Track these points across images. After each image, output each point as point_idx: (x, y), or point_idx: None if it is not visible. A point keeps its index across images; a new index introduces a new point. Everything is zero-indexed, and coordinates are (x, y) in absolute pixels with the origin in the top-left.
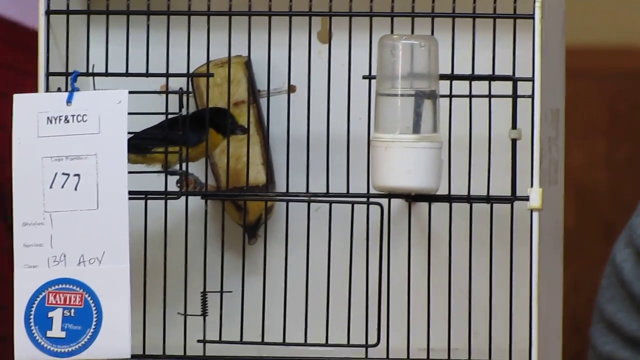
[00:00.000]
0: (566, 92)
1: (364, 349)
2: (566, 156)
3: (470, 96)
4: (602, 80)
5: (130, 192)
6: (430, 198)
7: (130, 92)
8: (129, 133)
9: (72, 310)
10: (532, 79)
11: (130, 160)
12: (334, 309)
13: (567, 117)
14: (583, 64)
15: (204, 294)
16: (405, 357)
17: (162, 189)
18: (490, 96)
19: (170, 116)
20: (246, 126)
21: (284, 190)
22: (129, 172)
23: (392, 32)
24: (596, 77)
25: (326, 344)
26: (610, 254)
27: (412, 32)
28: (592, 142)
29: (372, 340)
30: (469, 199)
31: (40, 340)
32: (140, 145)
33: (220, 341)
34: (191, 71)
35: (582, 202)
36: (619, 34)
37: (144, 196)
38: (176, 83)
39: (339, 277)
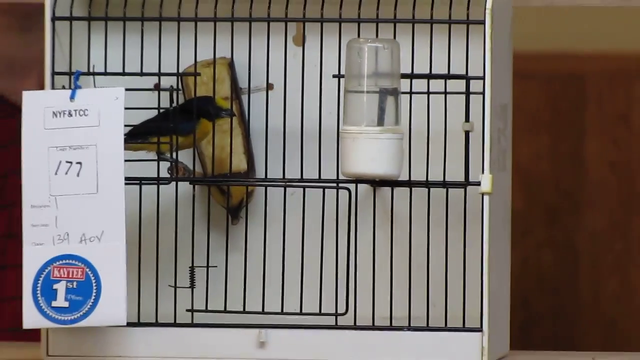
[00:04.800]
0: (514, 92)
1: (333, 317)
2: (514, 148)
3: (428, 93)
4: (546, 82)
5: (126, 178)
6: (392, 183)
7: (126, 90)
8: (125, 126)
9: (75, 283)
10: (483, 78)
11: (126, 149)
12: (308, 283)
13: (514, 114)
14: (530, 67)
15: (192, 268)
16: (371, 324)
17: (155, 175)
18: (445, 93)
19: (162, 111)
20: (230, 114)
21: (263, 177)
22: (125, 160)
23: (359, 36)
24: (541, 79)
25: (300, 313)
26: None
27: (377, 36)
28: (538, 136)
29: (341, 309)
30: (427, 184)
31: (46, 309)
32: (135, 136)
33: (206, 310)
34: (180, 71)
35: (528, 188)
36: (560, 42)
37: (138, 182)
38: (167, 81)
39: (311, 254)
